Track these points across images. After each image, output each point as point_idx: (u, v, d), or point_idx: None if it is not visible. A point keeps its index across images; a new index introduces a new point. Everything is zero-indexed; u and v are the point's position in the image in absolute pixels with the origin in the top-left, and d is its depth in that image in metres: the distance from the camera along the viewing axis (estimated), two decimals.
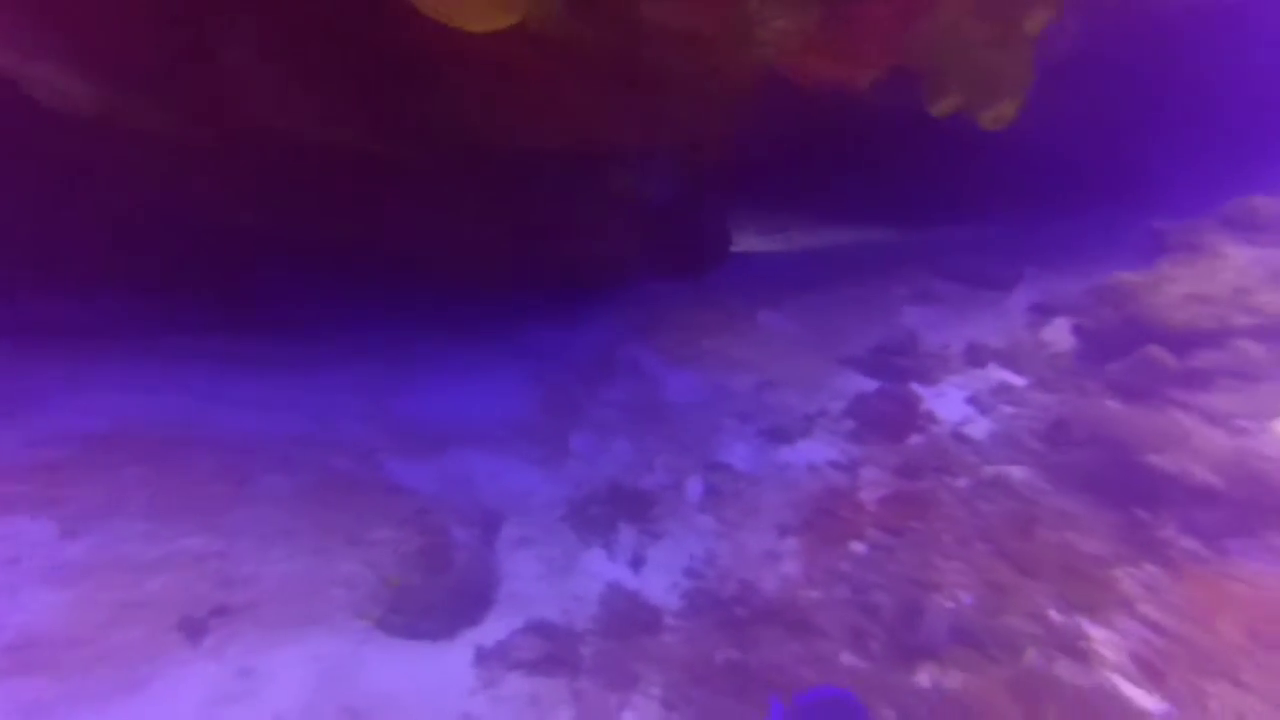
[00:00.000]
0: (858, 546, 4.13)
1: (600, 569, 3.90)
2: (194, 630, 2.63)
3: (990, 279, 8.09)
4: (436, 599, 3.18)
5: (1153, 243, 6.41)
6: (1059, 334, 6.15)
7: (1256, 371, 4.70)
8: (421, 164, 5.35)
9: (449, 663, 2.98)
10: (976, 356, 6.12)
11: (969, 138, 9.85)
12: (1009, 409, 5.22)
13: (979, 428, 4.95)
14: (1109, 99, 8.84)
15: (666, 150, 7.31)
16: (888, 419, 4.86)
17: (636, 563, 4.04)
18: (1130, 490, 3.67)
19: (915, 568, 3.91)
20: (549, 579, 3.71)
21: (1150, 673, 2.88)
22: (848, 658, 3.46)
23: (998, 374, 5.87)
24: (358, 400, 4.68)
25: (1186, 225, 6.05)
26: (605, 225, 6.57)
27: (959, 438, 4.82)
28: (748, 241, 12.91)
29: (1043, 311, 6.78)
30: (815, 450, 4.62)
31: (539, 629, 3.31)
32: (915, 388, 5.46)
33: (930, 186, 11.57)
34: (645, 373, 5.60)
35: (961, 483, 4.28)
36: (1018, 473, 4.30)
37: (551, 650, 3.17)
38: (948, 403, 5.35)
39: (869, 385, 5.60)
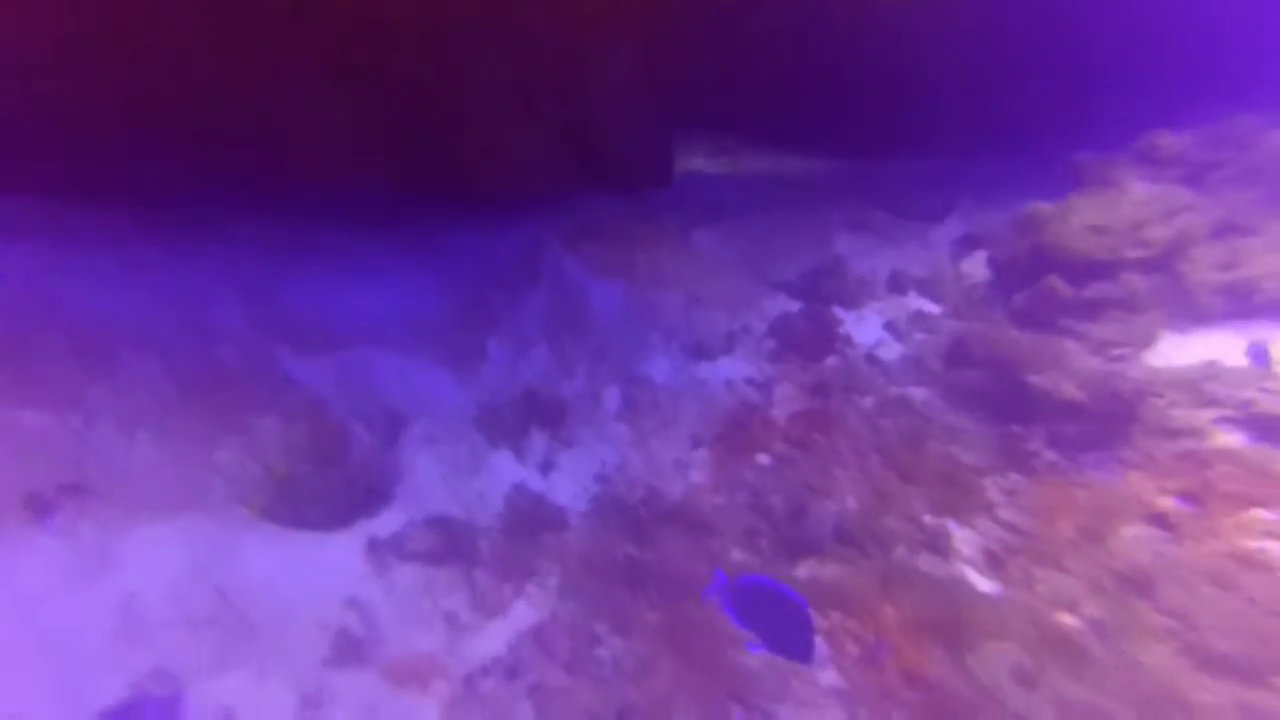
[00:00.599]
0: (763, 458, 4.36)
1: (508, 471, 3.97)
2: (41, 508, 2.52)
3: (923, 211, 8.25)
4: (328, 490, 3.17)
5: (1073, 176, 6.62)
6: (978, 265, 6.40)
7: (1140, 303, 5.07)
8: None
9: (339, 551, 3.03)
10: (899, 284, 6.32)
11: (920, 70, 9.72)
12: (921, 335, 5.46)
13: (891, 351, 5.18)
14: (1053, 35, 8.82)
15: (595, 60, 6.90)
16: (807, 340, 5.01)
17: (546, 467, 4.13)
18: (1011, 408, 3.97)
19: (812, 476, 4.18)
20: (452, 478, 3.75)
21: (994, 563, 3.24)
22: (738, 554, 3.73)
23: (916, 302, 6.10)
24: (232, 285, 4.35)
25: (1103, 159, 6.25)
26: (524, 125, 6.20)
27: (872, 360, 5.03)
28: (695, 163, 12.62)
29: (967, 243, 6.99)
30: (735, 367, 4.75)
31: (438, 523, 3.38)
32: (837, 311, 5.62)
33: (879, 118, 11.49)
34: (570, 282, 5.51)
35: (868, 402, 4.51)
36: (919, 393, 4.56)
37: (449, 543, 3.26)
38: (866, 327, 5.54)
39: (794, 307, 5.73)
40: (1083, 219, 5.29)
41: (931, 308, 5.97)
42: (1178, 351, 4.84)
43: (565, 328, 4.96)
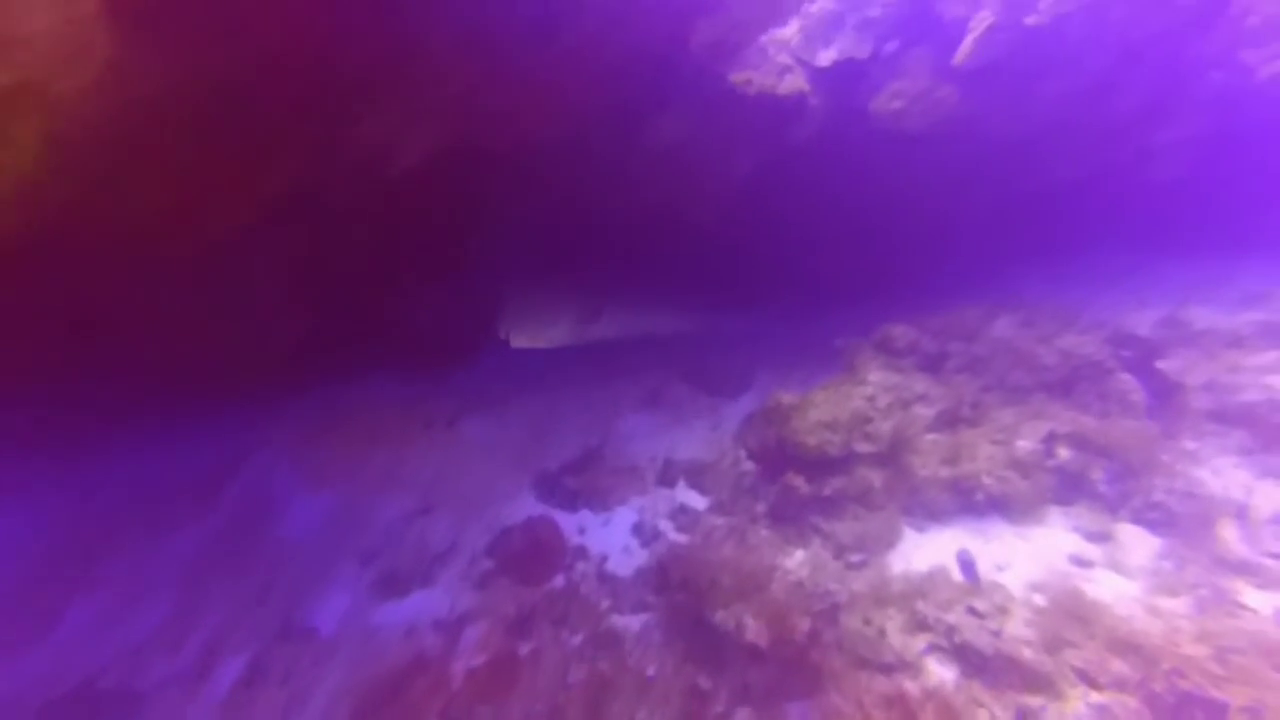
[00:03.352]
0: None
1: None
2: None
3: (724, 384, 8.55)
4: None
5: (837, 360, 7.12)
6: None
7: (875, 499, 5.14)
8: None
9: None
10: (669, 473, 6.17)
11: (776, 227, 10.66)
12: (671, 538, 5.16)
13: (630, 562, 4.78)
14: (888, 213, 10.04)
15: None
16: (528, 558, 4.52)
17: None
18: (701, 652, 3.58)
19: None
20: None
21: None
22: None
23: (683, 495, 5.91)
24: None
25: (852, 345, 6.80)
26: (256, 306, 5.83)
27: (603, 578, 4.59)
28: (554, 331, 12.81)
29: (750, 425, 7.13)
30: (426, 603, 4.10)
31: None
32: (582, 516, 5.25)
33: (736, 277, 12.47)
34: (269, 496, 4.80)
35: (576, 639, 3.97)
36: (636, 624, 4.10)
37: None
38: (611, 531, 5.18)
39: (540, 511, 5.30)
40: (817, 413, 5.50)
41: (697, 501, 5.79)
42: (918, 551, 4.84)
43: (227, 560, 4.16)
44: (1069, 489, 5.12)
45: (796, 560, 4.81)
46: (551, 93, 6.93)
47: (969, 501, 5.06)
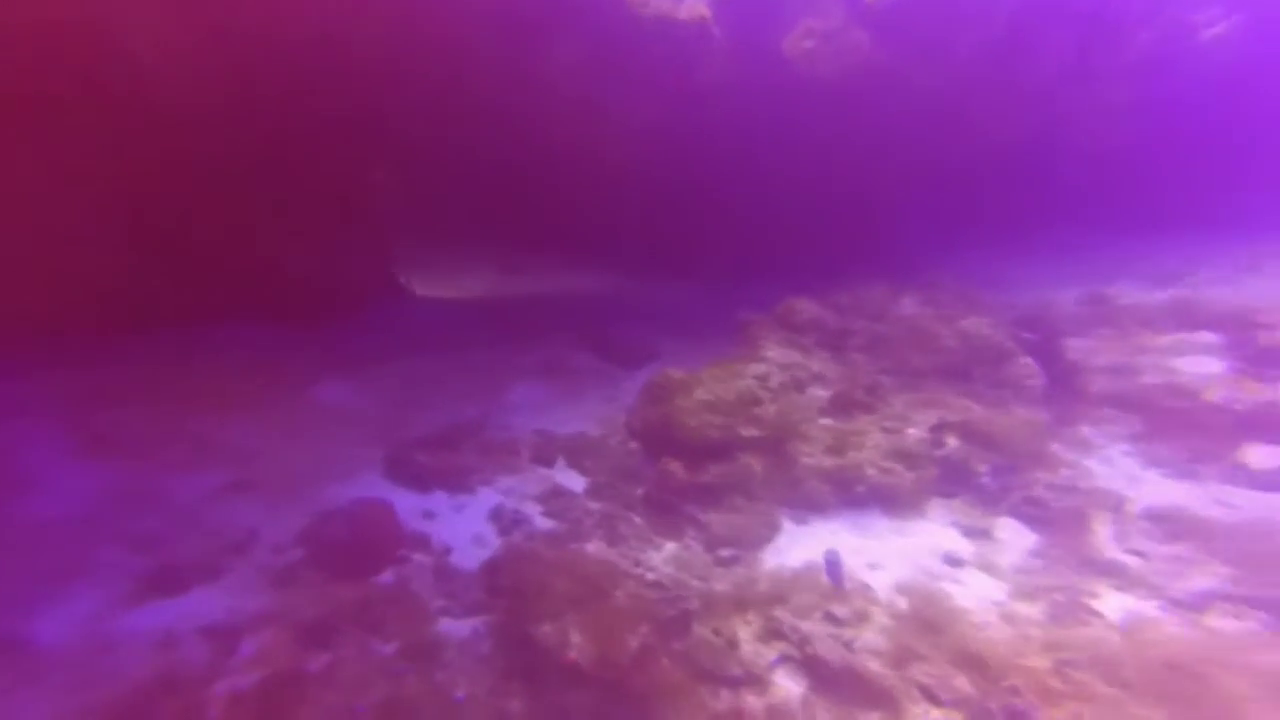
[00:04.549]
0: None
1: None
2: None
3: (629, 353, 8.08)
4: None
5: (740, 333, 6.75)
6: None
7: (756, 489, 4.85)
8: None
9: None
10: (547, 452, 5.69)
11: (696, 185, 9.98)
12: (534, 525, 4.71)
13: (479, 555, 4.30)
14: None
15: None
16: (350, 549, 3.96)
17: None
18: (523, 666, 3.18)
19: None
20: None
21: None
22: None
23: (561, 475, 5.46)
24: None
25: (755, 319, 6.44)
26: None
27: (441, 573, 4.09)
28: (466, 284, 11.91)
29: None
30: (201, 604, 3.49)
31: None
32: (424, 500, 4.72)
33: (659, 239, 11.86)
34: (22, 466, 4.02)
35: (388, 649, 3.48)
36: (462, 630, 3.64)
37: None
38: (465, 517, 4.69)
39: (383, 492, 4.72)
40: (703, 392, 5.11)
41: (575, 483, 5.35)
42: (794, 547, 4.58)
43: None
44: (953, 481, 4.98)
45: (664, 554, 4.47)
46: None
47: (850, 494, 4.83)
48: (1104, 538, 4.54)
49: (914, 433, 5.20)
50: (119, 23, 4.87)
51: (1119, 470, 5.23)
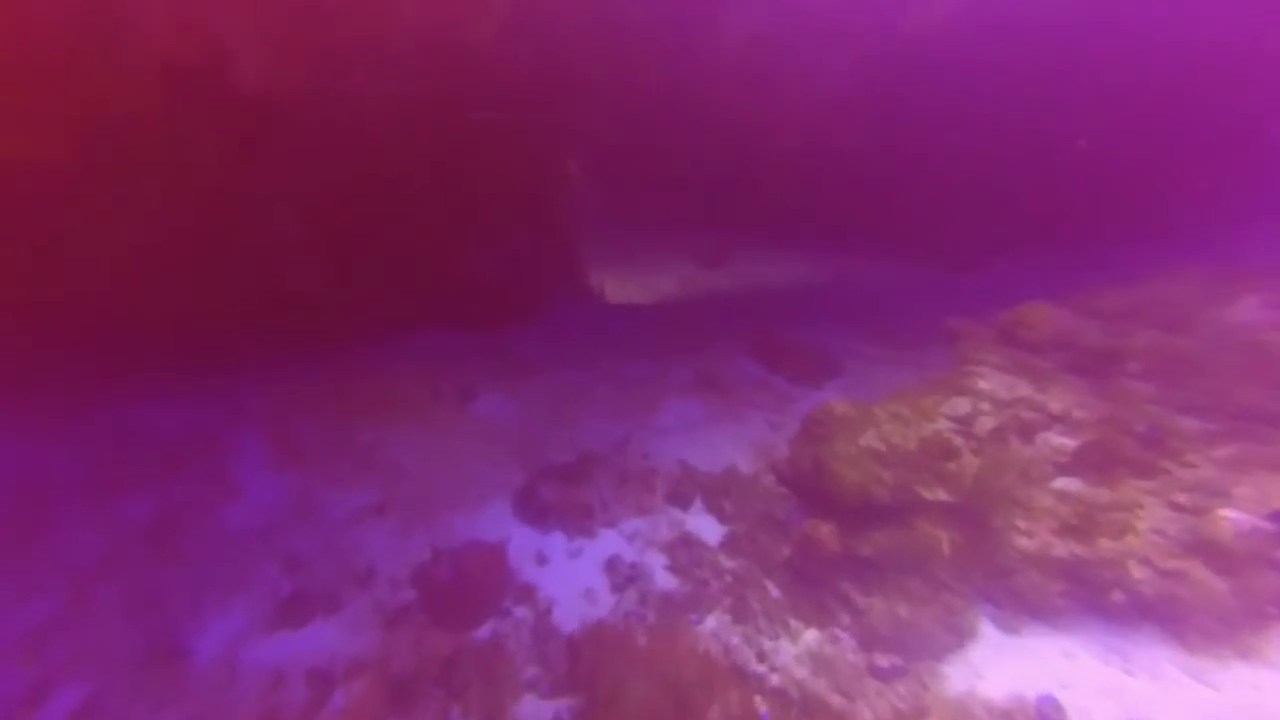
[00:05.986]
0: None
1: None
2: None
3: (805, 366, 6.96)
4: None
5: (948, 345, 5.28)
6: None
7: (938, 571, 3.58)
8: None
9: None
10: (684, 489, 5.07)
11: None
12: (653, 582, 4.16)
13: (587, 613, 3.91)
14: None
15: None
16: (455, 594, 3.86)
17: None
18: None
19: None
20: None
21: None
22: None
23: (696, 520, 4.81)
24: None
25: (968, 329, 4.92)
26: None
27: (540, 633, 3.78)
28: (670, 276, 11.80)
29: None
30: (317, 640, 3.63)
31: None
32: (541, 541, 4.44)
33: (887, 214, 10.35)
34: (231, 473, 4.71)
35: (454, 711, 3.27)
36: (544, 715, 3.26)
37: None
38: (580, 566, 4.32)
39: (504, 528, 4.60)
40: (873, 435, 3.96)
41: (711, 533, 4.67)
42: (999, 666, 3.31)
43: (147, 548, 4.07)
44: None
45: (800, 646, 3.56)
46: None
47: (1101, 601, 3.29)
48: None
49: (1232, 515, 3.36)
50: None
51: None
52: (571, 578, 4.14)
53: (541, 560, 4.26)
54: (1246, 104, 6.78)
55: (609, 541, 4.52)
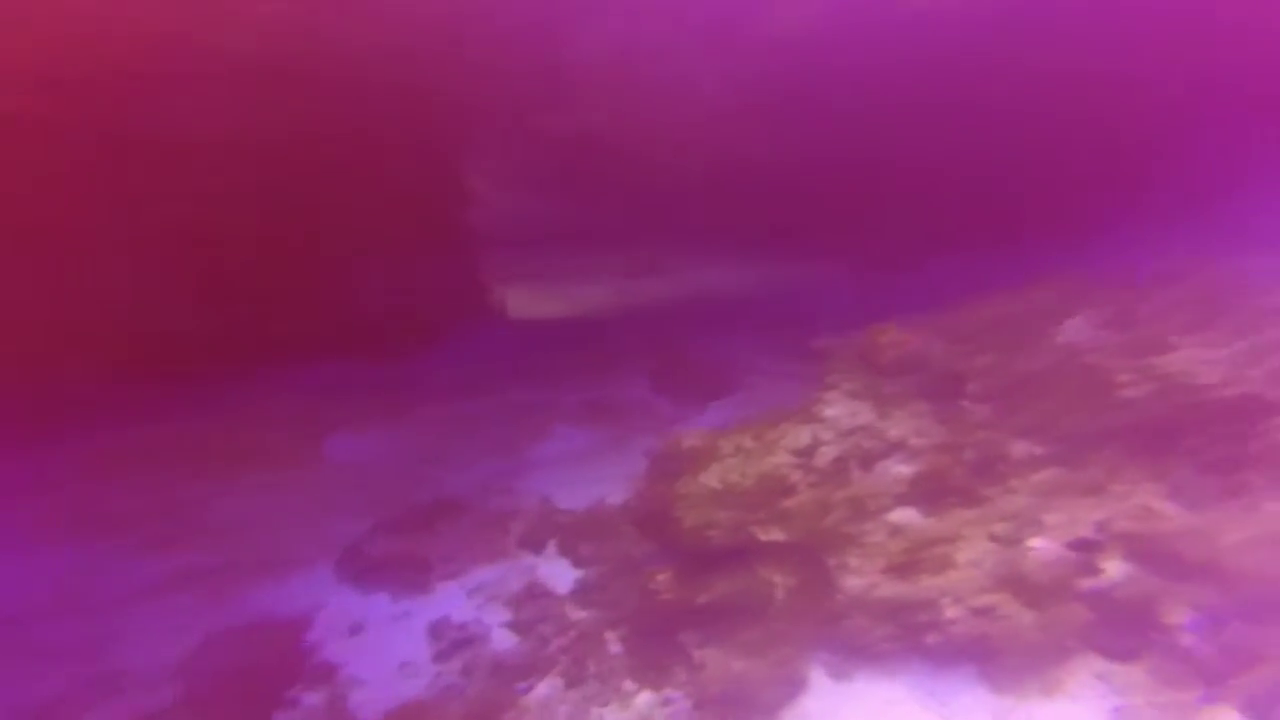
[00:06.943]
0: None
1: None
2: None
3: (695, 385, 6.83)
4: None
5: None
6: None
7: (776, 620, 3.44)
8: None
9: None
10: (538, 531, 4.80)
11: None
12: (486, 647, 3.85)
13: (396, 694, 3.55)
14: None
15: None
16: (231, 685, 3.42)
17: None
18: None
19: None
20: None
21: None
22: None
23: (548, 565, 4.54)
24: None
25: (833, 347, 4.87)
26: None
27: (334, 713, 3.40)
28: (592, 293, 11.45)
29: None
30: None
31: None
32: (359, 604, 4.07)
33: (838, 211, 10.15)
34: None
35: None
36: None
37: None
38: (402, 632, 3.96)
39: (320, 592, 4.18)
40: (717, 471, 3.81)
41: (562, 580, 4.41)
42: (825, 716, 3.17)
43: None
44: (1119, 633, 3.09)
45: (630, 713, 3.33)
46: None
47: (920, 642, 3.21)
48: None
49: (1042, 544, 3.35)
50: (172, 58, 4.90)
51: None
52: (389, 647, 3.78)
53: (355, 630, 3.88)
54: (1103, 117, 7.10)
55: (444, 598, 4.20)
